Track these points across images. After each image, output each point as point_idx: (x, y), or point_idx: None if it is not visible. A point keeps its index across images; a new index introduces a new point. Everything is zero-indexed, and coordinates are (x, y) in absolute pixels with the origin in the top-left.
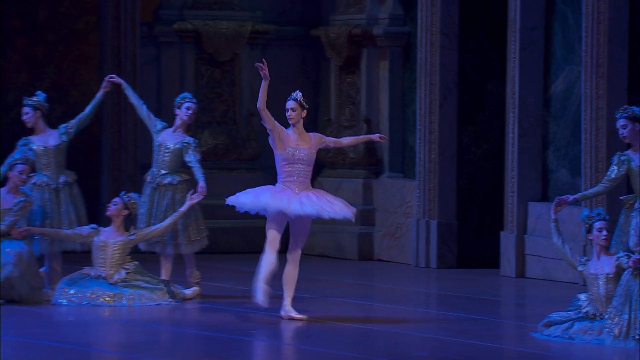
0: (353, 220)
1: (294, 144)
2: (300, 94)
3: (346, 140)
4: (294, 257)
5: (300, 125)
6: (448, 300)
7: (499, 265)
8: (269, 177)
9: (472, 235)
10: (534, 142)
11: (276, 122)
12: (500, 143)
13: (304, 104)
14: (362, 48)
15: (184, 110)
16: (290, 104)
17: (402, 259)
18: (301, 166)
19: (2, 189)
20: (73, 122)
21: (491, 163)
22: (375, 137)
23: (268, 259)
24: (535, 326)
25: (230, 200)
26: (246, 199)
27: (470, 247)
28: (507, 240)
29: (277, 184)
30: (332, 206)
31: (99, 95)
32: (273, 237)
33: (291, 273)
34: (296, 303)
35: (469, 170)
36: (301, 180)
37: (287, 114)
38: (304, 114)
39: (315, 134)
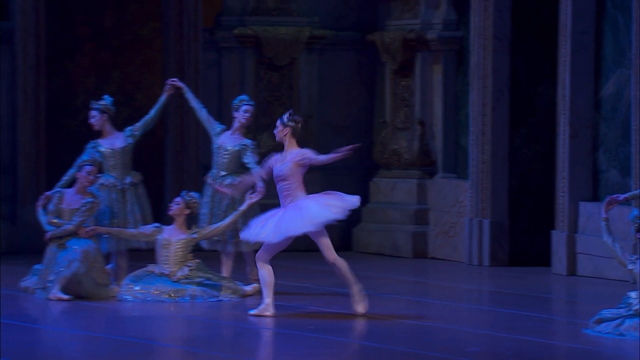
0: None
1: (277, 164)
2: (288, 113)
3: (322, 158)
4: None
5: (287, 142)
6: (500, 297)
7: (551, 264)
8: (327, 177)
9: (524, 234)
10: (585, 143)
11: (264, 167)
12: (551, 144)
13: (287, 122)
14: (416, 52)
15: (242, 113)
16: (277, 123)
17: (455, 257)
18: (281, 183)
19: (70, 189)
20: (138, 125)
21: (542, 164)
22: (344, 151)
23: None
24: (587, 323)
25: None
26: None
27: (522, 245)
28: (558, 239)
29: None
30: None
31: (163, 98)
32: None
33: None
34: (351, 299)
35: (520, 171)
36: (284, 196)
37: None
38: (287, 131)
39: (301, 150)
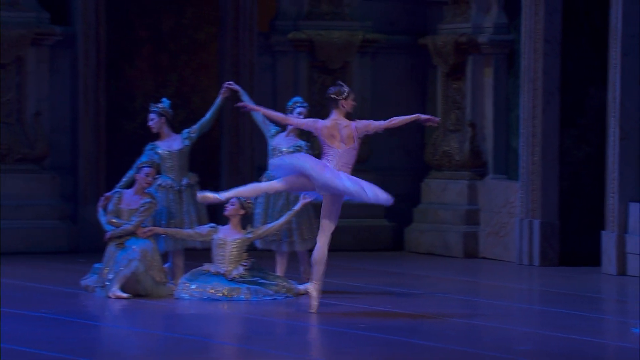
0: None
1: (342, 129)
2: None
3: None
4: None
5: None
6: (550, 296)
7: (600, 264)
8: (379, 178)
9: (574, 234)
10: (634, 145)
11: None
12: (601, 146)
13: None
14: (467, 55)
15: (296, 114)
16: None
17: (505, 257)
18: (343, 150)
19: (129, 190)
20: (195, 127)
21: (592, 165)
22: (425, 118)
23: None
24: (636, 322)
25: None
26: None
27: (572, 245)
28: (608, 239)
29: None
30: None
31: (218, 101)
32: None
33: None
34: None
35: (570, 172)
36: (343, 163)
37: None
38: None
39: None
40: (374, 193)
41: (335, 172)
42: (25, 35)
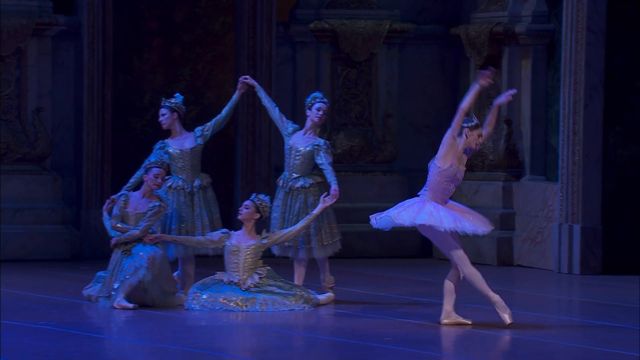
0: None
1: (458, 165)
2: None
3: (485, 131)
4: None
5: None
6: (592, 307)
7: None
8: (406, 180)
9: (618, 241)
10: None
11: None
12: None
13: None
14: (503, 46)
15: (314, 111)
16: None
17: (543, 265)
18: (453, 187)
19: (136, 192)
20: (209, 125)
21: (638, 165)
22: (503, 100)
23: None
24: None
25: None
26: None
27: (616, 252)
28: None
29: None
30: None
31: (235, 96)
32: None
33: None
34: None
35: (615, 173)
36: (449, 191)
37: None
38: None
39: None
40: (474, 228)
41: (433, 209)
42: (26, 25)
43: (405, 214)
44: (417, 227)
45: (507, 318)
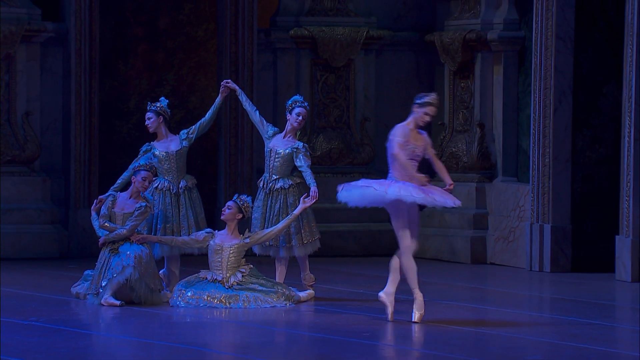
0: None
1: (419, 142)
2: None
3: (436, 164)
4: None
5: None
6: (562, 304)
7: (614, 270)
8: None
9: (587, 239)
10: None
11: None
12: (616, 147)
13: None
14: (476, 53)
15: (294, 116)
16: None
17: (515, 263)
18: (415, 163)
19: (123, 193)
20: (194, 128)
21: (606, 167)
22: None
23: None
24: None
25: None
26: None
27: (585, 251)
28: (622, 245)
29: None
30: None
31: (218, 100)
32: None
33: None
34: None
35: (584, 174)
36: (412, 176)
37: None
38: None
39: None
40: (444, 199)
41: (402, 185)
42: (15, 32)
43: (374, 190)
44: (386, 206)
45: (416, 316)
